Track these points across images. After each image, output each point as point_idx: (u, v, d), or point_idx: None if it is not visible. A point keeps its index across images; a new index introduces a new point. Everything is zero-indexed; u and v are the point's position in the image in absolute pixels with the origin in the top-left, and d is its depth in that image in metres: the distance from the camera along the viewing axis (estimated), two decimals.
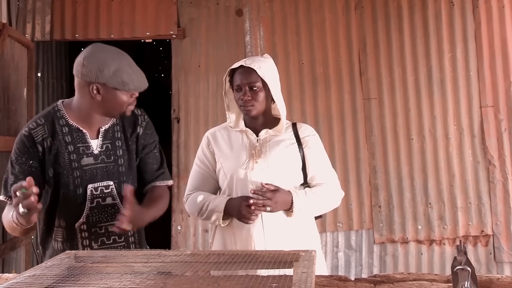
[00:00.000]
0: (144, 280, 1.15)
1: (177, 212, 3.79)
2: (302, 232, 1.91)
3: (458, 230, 3.70)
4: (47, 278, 1.14)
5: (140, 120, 1.85)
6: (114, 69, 1.65)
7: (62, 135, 1.72)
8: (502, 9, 3.78)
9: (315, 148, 1.97)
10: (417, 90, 3.79)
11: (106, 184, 1.74)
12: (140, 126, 1.85)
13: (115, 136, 1.79)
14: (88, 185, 1.71)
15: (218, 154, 1.97)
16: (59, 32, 3.89)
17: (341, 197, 2.01)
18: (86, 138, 1.74)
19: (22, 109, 3.46)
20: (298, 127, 2.00)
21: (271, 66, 1.93)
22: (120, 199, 1.73)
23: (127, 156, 1.80)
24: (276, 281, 1.12)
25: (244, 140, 1.96)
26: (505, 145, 3.70)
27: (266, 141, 1.93)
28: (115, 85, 1.66)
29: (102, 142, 1.76)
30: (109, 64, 1.64)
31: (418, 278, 1.34)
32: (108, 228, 1.73)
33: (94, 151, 1.74)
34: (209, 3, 3.95)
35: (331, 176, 1.99)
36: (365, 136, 3.79)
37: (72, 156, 1.71)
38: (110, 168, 1.75)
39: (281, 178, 1.88)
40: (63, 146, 1.71)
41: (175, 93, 3.91)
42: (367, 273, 3.70)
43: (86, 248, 1.73)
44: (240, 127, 1.99)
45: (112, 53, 1.69)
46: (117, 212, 1.68)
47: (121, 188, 1.73)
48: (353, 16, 3.88)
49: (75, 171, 1.71)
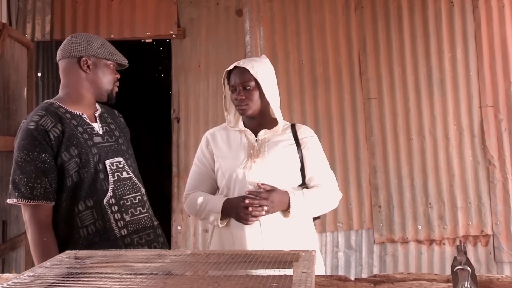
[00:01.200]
0: (144, 280, 1.15)
1: (177, 212, 3.80)
2: (300, 233, 1.91)
3: (458, 230, 3.70)
4: (47, 278, 1.14)
5: (118, 113, 2.02)
6: (101, 43, 1.81)
7: (68, 119, 1.77)
8: (502, 9, 3.78)
9: (314, 149, 1.98)
10: (417, 90, 3.80)
11: (118, 160, 1.83)
12: (119, 117, 2.01)
13: (108, 121, 1.91)
14: (105, 160, 1.79)
15: (216, 153, 1.98)
16: (59, 32, 3.89)
17: (339, 199, 2.01)
18: (87, 121, 1.82)
19: (22, 109, 3.46)
20: (297, 128, 2.01)
21: (266, 66, 1.94)
22: (133, 173, 1.85)
23: (123, 137, 1.92)
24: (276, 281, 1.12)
25: (243, 140, 1.96)
26: (505, 145, 3.70)
27: (264, 141, 1.94)
28: (105, 55, 1.80)
29: (101, 124, 1.86)
30: (95, 38, 1.83)
31: (418, 278, 1.34)
32: (133, 200, 1.81)
33: (99, 132, 1.83)
34: (209, 3, 3.95)
35: (329, 178, 2.00)
36: (365, 136, 3.79)
37: (85, 135, 1.78)
38: (115, 147, 1.85)
39: (279, 178, 1.89)
40: (73, 129, 1.76)
41: (175, 93, 3.91)
42: (367, 273, 3.71)
43: (119, 222, 1.77)
44: (239, 127, 1.99)
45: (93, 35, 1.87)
46: (134, 185, 1.83)
47: (128, 164, 1.86)
48: (353, 16, 3.88)
49: (92, 148, 1.77)
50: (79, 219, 1.74)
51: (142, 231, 1.83)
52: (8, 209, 3.18)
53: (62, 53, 1.83)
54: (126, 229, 1.78)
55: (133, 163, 1.92)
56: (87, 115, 1.83)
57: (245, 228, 1.85)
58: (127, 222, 1.79)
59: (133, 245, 1.80)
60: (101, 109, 1.92)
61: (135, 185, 1.85)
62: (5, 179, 3.13)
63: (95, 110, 1.89)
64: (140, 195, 1.87)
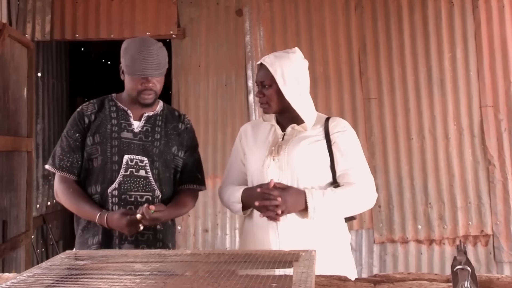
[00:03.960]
0: (144, 280, 1.15)
1: None
2: (326, 235, 1.81)
3: (458, 230, 3.69)
4: (47, 277, 1.14)
5: (183, 118, 2.08)
6: (128, 56, 1.88)
7: (109, 111, 1.96)
8: (502, 9, 3.78)
9: (344, 144, 1.86)
10: (417, 90, 3.79)
11: (141, 159, 1.92)
12: (182, 123, 2.06)
13: (156, 123, 1.99)
14: (125, 155, 1.90)
15: (246, 148, 1.97)
16: (59, 32, 3.89)
17: (373, 199, 1.88)
18: (129, 117, 1.96)
19: (22, 109, 3.45)
20: (330, 122, 1.90)
21: (290, 62, 1.87)
22: (152, 174, 1.92)
23: (163, 141, 1.97)
24: (276, 281, 1.12)
25: (270, 136, 1.92)
26: (505, 145, 3.70)
27: (290, 137, 1.87)
28: (124, 69, 1.92)
29: (143, 124, 1.96)
30: (127, 51, 1.89)
31: (418, 278, 1.34)
32: (138, 198, 1.89)
33: (134, 129, 1.95)
34: (209, 3, 3.95)
35: (362, 176, 1.86)
36: (365, 136, 3.79)
37: (114, 128, 1.93)
38: (146, 146, 1.94)
39: (300, 176, 1.82)
40: (107, 119, 1.94)
41: (175, 93, 3.91)
42: (367, 273, 3.70)
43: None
44: (272, 121, 1.96)
45: (136, 41, 1.91)
46: (148, 185, 1.91)
47: (153, 165, 1.93)
48: (353, 16, 3.88)
49: (114, 141, 1.91)
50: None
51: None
52: (8, 209, 3.18)
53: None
54: None
55: (162, 166, 1.95)
56: (133, 113, 1.96)
57: (265, 228, 1.81)
58: None
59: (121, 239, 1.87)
60: (158, 112, 2.01)
61: (148, 185, 1.91)
62: (5, 179, 3.13)
63: (148, 110, 1.98)
64: (151, 197, 1.91)
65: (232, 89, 3.87)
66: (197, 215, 3.79)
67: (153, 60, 1.85)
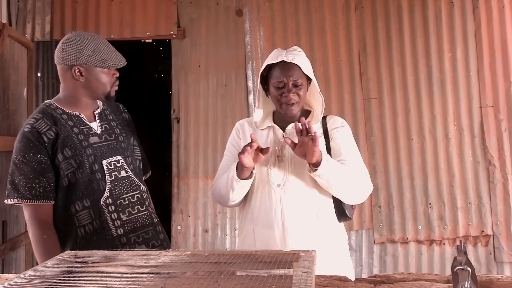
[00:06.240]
0: (144, 280, 1.15)
1: (177, 212, 3.79)
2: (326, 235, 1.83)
3: (458, 230, 3.69)
4: (47, 278, 1.14)
5: (122, 108, 2.01)
6: (92, 49, 1.77)
7: (64, 121, 1.79)
8: (502, 9, 3.78)
9: (341, 139, 1.91)
10: (417, 90, 3.79)
11: (116, 159, 1.84)
12: (125, 112, 2.01)
13: (108, 118, 1.91)
14: (102, 160, 1.80)
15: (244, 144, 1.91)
16: (59, 32, 3.89)
17: (368, 189, 1.88)
18: (85, 121, 1.83)
19: (22, 109, 3.45)
20: (327, 119, 1.96)
21: (308, 61, 1.90)
22: (131, 171, 1.86)
23: (124, 135, 1.92)
24: (276, 281, 1.12)
25: (270, 136, 1.92)
26: (505, 145, 3.70)
27: (292, 136, 1.85)
28: (95, 63, 1.78)
29: (100, 123, 1.86)
30: (86, 44, 1.77)
31: (418, 278, 1.34)
32: (131, 199, 1.82)
33: (96, 131, 1.84)
34: (209, 3, 3.95)
35: (358, 167, 1.88)
36: (365, 136, 3.79)
37: (80, 136, 1.79)
38: (114, 145, 1.85)
39: (304, 173, 1.82)
40: (68, 130, 1.78)
41: (175, 93, 3.91)
42: (367, 273, 3.70)
43: (116, 221, 1.79)
44: (267, 124, 1.95)
45: (88, 35, 1.81)
46: (133, 183, 1.84)
47: (128, 162, 1.86)
48: (353, 16, 3.88)
49: (87, 149, 1.78)
50: (76, 219, 1.78)
51: (140, 230, 1.84)
52: (8, 209, 3.17)
53: (56, 59, 1.83)
54: (122, 228, 1.80)
55: (133, 160, 1.91)
56: (85, 115, 1.84)
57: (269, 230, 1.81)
58: (123, 222, 1.80)
59: (129, 244, 1.81)
60: (102, 106, 1.92)
61: (133, 184, 1.86)
62: (5, 179, 3.12)
63: (95, 108, 1.89)
64: (139, 193, 1.88)
65: (232, 89, 3.87)
66: (197, 216, 3.78)
67: (117, 52, 1.84)
